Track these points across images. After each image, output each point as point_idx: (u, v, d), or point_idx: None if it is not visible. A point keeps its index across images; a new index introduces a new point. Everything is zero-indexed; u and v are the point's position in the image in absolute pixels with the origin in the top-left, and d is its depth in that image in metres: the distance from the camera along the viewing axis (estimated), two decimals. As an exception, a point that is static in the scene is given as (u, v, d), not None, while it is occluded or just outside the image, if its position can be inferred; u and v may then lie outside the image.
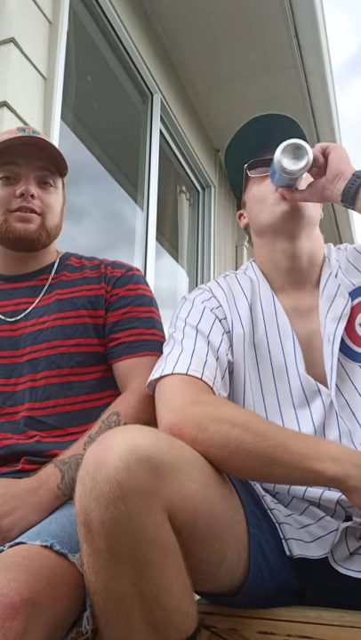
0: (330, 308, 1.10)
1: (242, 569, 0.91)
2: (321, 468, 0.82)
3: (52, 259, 1.34)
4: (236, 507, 0.92)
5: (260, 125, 1.20)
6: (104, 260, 1.36)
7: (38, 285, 1.29)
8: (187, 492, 0.78)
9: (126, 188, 3.31)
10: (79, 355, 1.21)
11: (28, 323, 1.23)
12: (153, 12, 3.16)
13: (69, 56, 2.48)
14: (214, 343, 1.07)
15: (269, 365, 1.09)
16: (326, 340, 1.07)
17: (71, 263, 1.34)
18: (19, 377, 1.20)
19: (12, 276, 1.31)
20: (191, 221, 4.24)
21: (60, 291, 1.27)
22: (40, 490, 1.01)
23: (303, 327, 1.11)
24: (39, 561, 0.80)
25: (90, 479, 0.73)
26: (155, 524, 0.73)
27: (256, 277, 1.19)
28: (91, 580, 0.75)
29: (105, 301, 1.26)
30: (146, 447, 0.75)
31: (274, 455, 0.84)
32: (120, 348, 1.22)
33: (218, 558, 0.85)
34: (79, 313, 1.24)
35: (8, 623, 0.70)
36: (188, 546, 0.78)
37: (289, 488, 1.03)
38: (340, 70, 45.74)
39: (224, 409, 0.93)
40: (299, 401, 1.06)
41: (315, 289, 1.15)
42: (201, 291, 1.19)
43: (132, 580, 0.72)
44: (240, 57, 3.41)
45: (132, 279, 1.30)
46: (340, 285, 1.12)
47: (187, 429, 0.88)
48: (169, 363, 1.02)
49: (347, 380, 1.06)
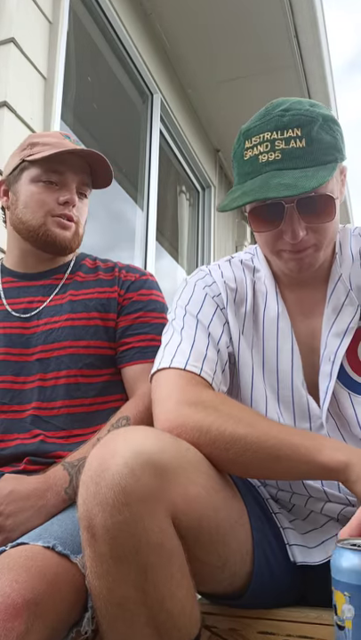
0: (335, 320, 1.02)
1: (244, 573, 0.91)
2: (324, 460, 0.82)
3: (67, 259, 1.35)
4: (240, 510, 0.91)
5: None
6: (118, 262, 1.36)
7: (52, 284, 1.30)
8: (191, 497, 0.77)
9: (126, 187, 3.31)
10: (88, 357, 1.21)
11: (40, 321, 1.24)
12: (153, 11, 3.16)
13: (69, 56, 2.48)
14: (215, 335, 1.02)
15: (268, 363, 1.05)
16: (326, 359, 1.00)
17: (86, 264, 1.35)
18: (27, 375, 1.19)
19: (26, 273, 1.31)
20: (191, 221, 4.24)
21: (73, 291, 1.28)
22: (47, 492, 1.01)
23: (305, 325, 1.05)
24: (41, 562, 0.80)
25: (93, 484, 0.72)
26: (159, 529, 0.72)
27: (261, 268, 1.11)
28: (94, 585, 0.75)
29: (117, 305, 1.26)
30: (151, 452, 0.74)
31: (279, 452, 0.84)
32: (130, 353, 1.22)
33: (221, 562, 0.85)
34: (91, 315, 1.24)
35: (10, 624, 0.71)
36: (191, 549, 0.78)
37: (291, 496, 1.02)
38: (340, 70, 44.95)
39: (225, 407, 0.90)
40: (293, 409, 1.03)
41: (322, 284, 1.05)
42: (203, 274, 1.13)
43: (136, 585, 0.72)
44: (240, 57, 3.41)
45: (145, 284, 1.30)
46: (351, 292, 1.02)
47: (189, 431, 0.86)
48: (167, 354, 0.99)
49: (335, 405, 1.01)
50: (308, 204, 0.92)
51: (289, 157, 0.91)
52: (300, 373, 1.02)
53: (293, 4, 3.06)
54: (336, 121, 0.97)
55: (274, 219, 0.95)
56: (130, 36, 2.98)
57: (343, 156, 0.97)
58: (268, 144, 0.93)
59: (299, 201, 0.92)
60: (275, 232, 0.96)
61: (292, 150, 0.91)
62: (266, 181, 0.91)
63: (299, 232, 0.93)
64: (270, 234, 0.97)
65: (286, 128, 0.92)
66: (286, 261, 0.99)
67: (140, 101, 3.36)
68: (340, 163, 0.97)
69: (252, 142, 0.95)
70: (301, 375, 1.02)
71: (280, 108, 0.94)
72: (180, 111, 3.70)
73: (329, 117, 0.95)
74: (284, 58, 3.38)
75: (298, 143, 0.92)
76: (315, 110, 0.94)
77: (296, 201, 0.92)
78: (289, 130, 0.92)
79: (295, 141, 0.92)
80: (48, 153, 1.23)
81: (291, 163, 0.91)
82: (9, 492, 0.98)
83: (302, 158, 0.91)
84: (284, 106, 0.95)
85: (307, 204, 0.92)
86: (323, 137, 0.93)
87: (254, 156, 0.94)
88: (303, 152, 0.91)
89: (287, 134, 0.92)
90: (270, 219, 0.95)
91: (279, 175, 0.90)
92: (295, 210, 0.92)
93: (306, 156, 0.91)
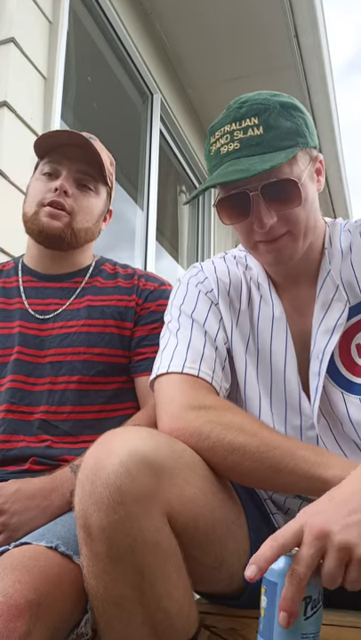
0: (324, 317, 1.00)
1: (242, 573, 0.91)
2: (328, 476, 0.79)
3: (87, 262, 1.35)
4: (237, 511, 0.91)
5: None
6: (137, 270, 1.36)
7: (71, 287, 1.29)
8: (187, 497, 0.77)
9: (126, 187, 3.31)
10: (101, 364, 1.21)
11: (56, 324, 1.23)
12: (153, 11, 3.16)
13: (69, 56, 2.48)
14: (211, 332, 1.01)
15: (262, 360, 1.04)
16: (315, 357, 0.98)
17: (105, 269, 1.34)
18: (38, 377, 1.19)
19: (46, 274, 1.31)
20: (191, 221, 4.24)
21: (91, 297, 1.27)
22: (53, 493, 1.01)
23: (298, 323, 1.03)
24: (44, 562, 0.80)
25: (89, 483, 0.72)
26: (155, 529, 0.72)
27: (254, 266, 1.09)
28: (91, 584, 0.75)
29: (135, 314, 1.26)
30: (146, 451, 0.74)
31: (280, 464, 0.82)
32: (145, 363, 1.22)
33: (218, 562, 0.85)
34: (107, 322, 1.23)
35: (12, 624, 0.71)
36: (188, 550, 0.78)
37: (285, 500, 1.01)
38: (339, 72, 44.97)
39: (227, 415, 0.88)
40: (285, 406, 1.02)
41: (313, 282, 1.03)
42: (195, 271, 1.12)
43: (132, 584, 0.72)
44: (240, 57, 3.41)
45: (163, 294, 1.29)
46: (339, 287, 1.00)
47: (188, 436, 0.85)
48: (164, 359, 0.98)
49: (327, 404, 0.98)
50: (271, 190, 0.92)
51: (247, 145, 0.92)
52: (294, 372, 1.00)
53: (293, 4, 3.05)
54: (298, 107, 0.97)
55: (242, 210, 0.94)
56: (130, 36, 2.98)
57: (308, 142, 0.96)
58: (228, 135, 0.94)
59: (262, 188, 0.91)
60: (245, 223, 0.95)
61: (249, 138, 0.92)
62: (224, 170, 0.91)
63: (266, 220, 0.92)
64: (241, 226, 0.97)
65: (244, 118, 0.93)
66: (263, 254, 0.98)
67: (140, 101, 3.36)
68: (308, 149, 0.97)
69: (215, 137, 0.97)
70: (296, 373, 1.00)
71: (239, 102, 0.96)
72: (181, 111, 3.70)
73: (288, 104, 0.96)
74: (285, 58, 3.38)
75: (255, 131, 0.92)
76: (272, 99, 0.95)
77: (260, 188, 0.91)
78: (246, 119, 0.93)
79: (253, 129, 0.92)
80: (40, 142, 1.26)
81: (249, 150, 0.92)
82: (15, 491, 0.99)
83: (260, 145, 0.91)
84: (242, 99, 0.96)
85: (271, 191, 0.92)
86: (281, 123, 0.93)
87: (217, 150, 0.95)
88: (261, 139, 0.92)
89: (245, 124, 0.93)
90: (238, 210, 0.95)
91: (236, 163, 0.91)
92: (260, 197, 0.92)
93: (263, 142, 0.91)
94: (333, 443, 0.98)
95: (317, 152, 1.01)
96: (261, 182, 0.91)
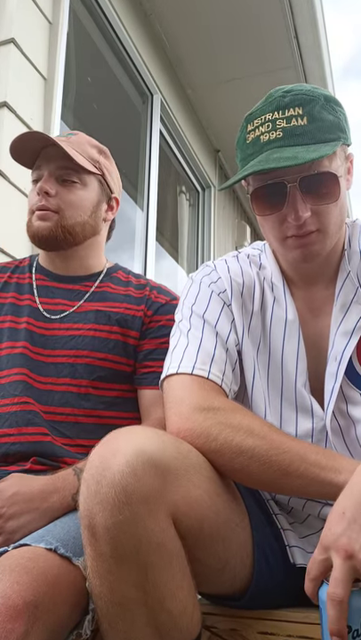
0: (343, 319, 0.98)
1: (245, 574, 0.91)
2: (340, 481, 0.78)
3: (98, 267, 1.35)
4: (241, 513, 0.91)
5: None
6: (150, 281, 1.36)
7: (81, 290, 1.29)
8: (192, 499, 0.77)
9: (126, 188, 3.31)
10: (103, 369, 1.20)
11: (63, 325, 1.24)
12: (153, 12, 3.16)
13: (69, 56, 2.48)
14: (222, 334, 1.00)
15: (273, 362, 1.03)
16: (333, 359, 0.97)
17: (118, 276, 1.35)
18: (40, 375, 1.19)
19: (58, 275, 1.32)
20: (191, 221, 4.24)
21: (100, 302, 1.27)
22: (54, 495, 1.00)
23: (314, 325, 1.02)
24: (43, 563, 0.80)
25: (94, 483, 0.72)
26: (160, 530, 0.72)
27: (268, 265, 1.08)
28: (95, 584, 0.74)
29: (142, 324, 1.25)
30: (152, 451, 0.74)
31: (290, 467, 0.81)
32: (151, 377, 1.21)
33: (221, 564, 0.85)
34: (112, 329, 1.23)
35: (10, 625, 0.71)
36: (192, 551, 0.78)
37: (289, 499, 1.01)
38: (335, 76, 45.09)
39: (236, 417, 0.87)
40: (296, 408, 1.01)
41: (331, 283, 1.02)
42: (209, 270, 1.10)
43: (136, 585, 0.72)
44: (240, 58, 3.42)
45: (174, 309, 1.25)
46: (359, 289, 0.99)
47: (196, 437, 0.85)
48: (174, 359, 0.96)
49: (343, 406, 0.97)
50: (311, 182, 0.90)
51: (290, 135, 0.90)
52: (303, 374, 1.00)
53: (293, 4, 3.06)
54: (339, 102, 0.96)
55: (277, 200, 0.92)
56: (130, 37, 2.99)
57: (348, 139, 0.95)
58: (270, 124, 0.92)
59: (301, 179, 0.90)
60: (278, 215, 0.93)
61: (293, 128, 0.90)
62: (266, 157, 0.89)
63: (301, 212, 0.90)
64: (274, 217, 0.94)
65: (288, 107, 0.91)
66: (291, 249, 0.96)
67: (140, 102, 3.36)
68: (345, 145, 0.95)
69: (253, 125, 0.94)
70: (305, 376, 1.00)
71: (282, 91, 0.94)
72: (180, 112, 3.70)
73: (331, 98, 0.94)
74: (284, 58, 3.38)
75: (299, 121, 0.90)
76: (316, 91, 0.94)
77: (299, 180, 0.90)
78: (290, 109, 0.91)
79: (297, 119, 0.90)
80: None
81: (292, 140, 0.89)
82: (12, 494, 0.98)
83: (304, 135, 0.90)
84: (286, 88, 0.95)
85: (310, 183, 0.90)
86: (325, 116, 0.91)
87: (256, 137, 0.93)
88: (305, 130, 0.90)
89: (288, 113, 0.91)
90: (273, 201, 0.93)
91: (280, 151, 0.89)
92: (298, 189, 0.90)
93: (307, 133, 0.90)
94: (342, 445, 0.98)
95: (350, 151, 1.00)
96: (301, 174, 0.90)
